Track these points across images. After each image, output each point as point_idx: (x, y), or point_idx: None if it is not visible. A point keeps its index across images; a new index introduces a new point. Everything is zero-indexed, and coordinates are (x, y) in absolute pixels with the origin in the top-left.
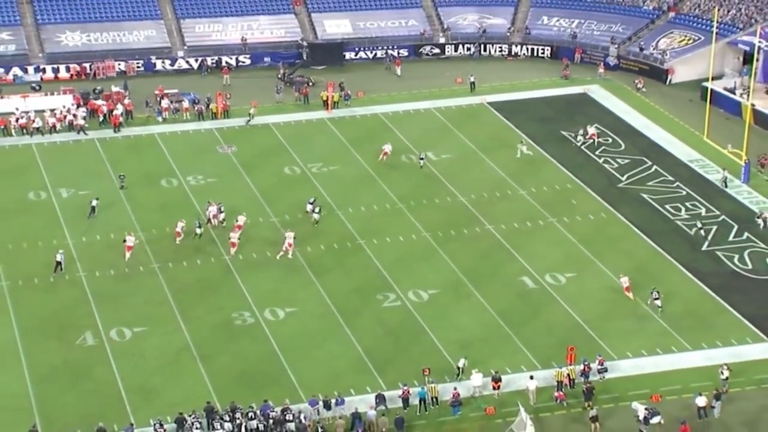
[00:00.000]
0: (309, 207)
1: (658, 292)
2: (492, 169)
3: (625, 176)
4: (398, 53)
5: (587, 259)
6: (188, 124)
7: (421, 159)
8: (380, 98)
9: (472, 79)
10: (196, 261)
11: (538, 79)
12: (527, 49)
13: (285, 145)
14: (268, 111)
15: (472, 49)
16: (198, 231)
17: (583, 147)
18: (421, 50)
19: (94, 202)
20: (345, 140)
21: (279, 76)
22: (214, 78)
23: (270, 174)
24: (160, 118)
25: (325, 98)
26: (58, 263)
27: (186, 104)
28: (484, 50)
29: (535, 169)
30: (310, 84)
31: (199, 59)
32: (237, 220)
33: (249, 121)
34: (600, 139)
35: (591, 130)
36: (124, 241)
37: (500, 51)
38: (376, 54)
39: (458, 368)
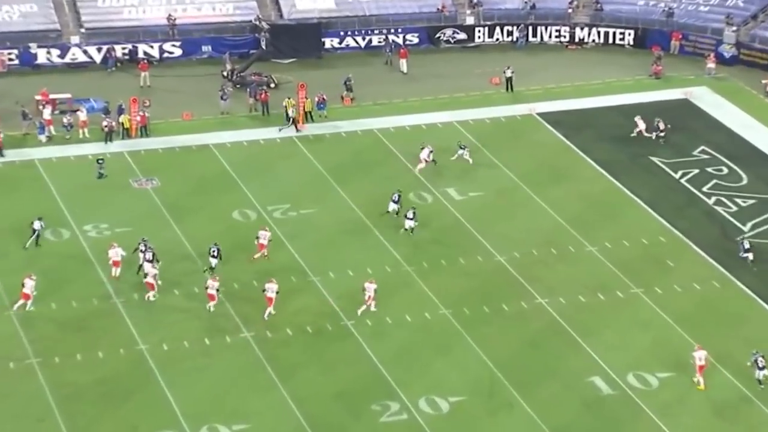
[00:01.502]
0: (393, 207)
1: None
2: (545, 214)
3: (749, 225)
4: (404, 40)
5: (691, 349)
6: (87, 145)
7: (462, 148)
8: (376, 107)
9: (509, 74)
10: (96, 353)
11: (615, 79)
12: (599, 33)
13: (233, 176)
14: (208, 126)
15: (516, 34)
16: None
17: (683, 180)
18: (438, 35)
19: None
20: (323, 170)
21: (225, 73)
22: (126, 76)
23: (210, 221)
24: (43, 137)
25: (291, 108)
26: None
27: (83, 116)
28: (534, 35)
29: (611, 213)
30: (272, 86)
31: (104, 48)
32: (259, 237)
33: (289, 127)
34: (703, 157)
35: (640, 123)
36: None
37: (558, 36)
38: (370, 41)
39: None
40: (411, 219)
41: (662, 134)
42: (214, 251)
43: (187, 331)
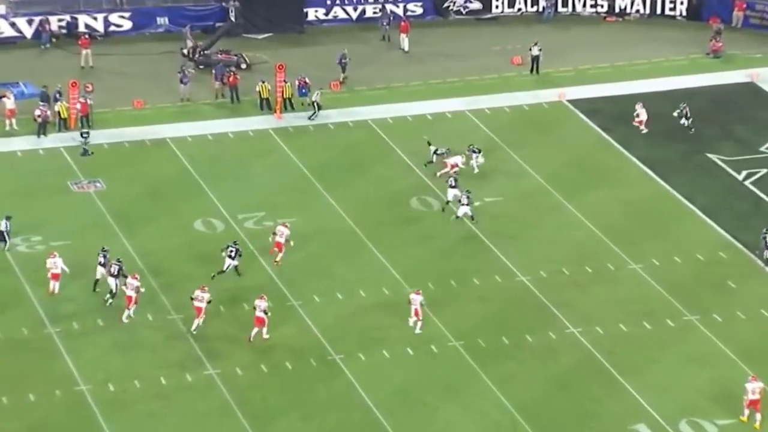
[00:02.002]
0: (454, 193)
1: None
2: (578, 224)
3: None
4: (405, 10)
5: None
6: (15, 139)
7: (474, 152)
8: (371, 93)
9: (535, 52)
10: (26, 395)
11: (664, 58)
12: (644, 1)
13: (196, 178)
14: (164, 116)
15: (542, 3)
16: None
17: (747, 182)
18: (447, 4)
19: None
20: (306, 169)
21: (185, 51)
22: (63, 55)
23: (167, 232)
24: None
25: (265, 93)
26: None
27: (10, 103)
28: (564, 4)
29: (659, 223)
30: (243, 67)
31: (36, 20)
32: (275, 234)
33: (315, 114)
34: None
35: (642, 112)
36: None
37: (594, 6)
38: (363, 11)
39: None
40: (467, 204)
41: (689, 120)
42: (231, 251)
43: (139, 368)
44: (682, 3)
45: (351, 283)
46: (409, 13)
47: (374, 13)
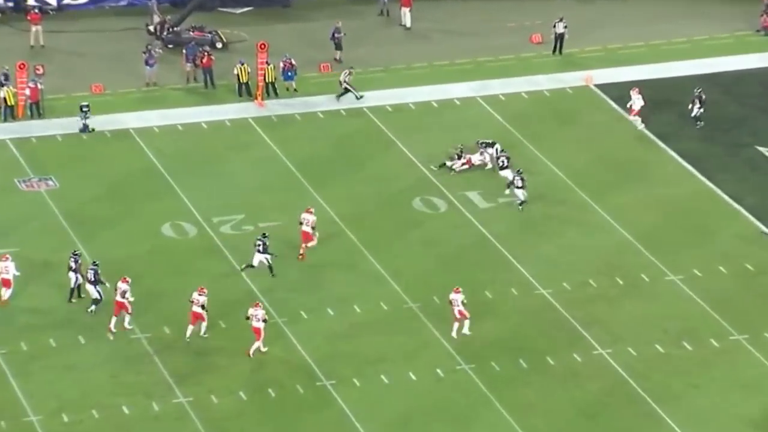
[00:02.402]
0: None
1: None
2: (607, 228)
3: None
4: None
5: None
6: None
7: (501, 155)
8: (368, 77)
9: (560, 29)
10: None
11: (707, 36)
12: None
13: (164, 174)
14: (127, 103)
15: None
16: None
17: None
18: None
19: None
20: (292, 165)
21: (152, 29)
22: (10, 32)
23: (131, 237)
24: None
25: (245, 76)
26: None
27: None
28: None
29: (701, 228)
30: (218, 45)
31: None
32: (303, 222)
33: (355, 92)
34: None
35: (637, 100)
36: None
37: None
38: None
39: None
40: (521, 187)
41: (700, 110)
42: (259, 245)
43: (97, 395)
44: None
45: (344, 297)
46: None
47: None
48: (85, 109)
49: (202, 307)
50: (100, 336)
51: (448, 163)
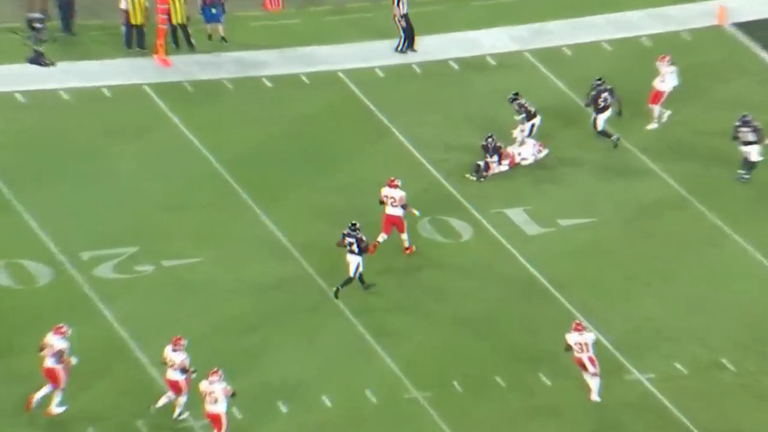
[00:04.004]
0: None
1: None
2: (751, 269)
3: None
4: None
5: None
6: None
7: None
8: (343, 20)
9: None
10: None
11: None
12: None
13: None
14: None
15: None
16: None
17: None
18: None
19: None
20: (218, 163)
21: None
22: None
23: None
24: None
25: (139, 17)
26: None
27: None
28: None
29: None
30: None
31: None
32: (383, 202)
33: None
34: None
35: (668, 75)
36: None
37: None
38: None
39: None
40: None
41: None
42: (350, 242)
43: None
44: None
45: (307, 385)
46: None
47: None
48: (39, 24)
49: (183, 370)
50: None
51: (481, 165)
